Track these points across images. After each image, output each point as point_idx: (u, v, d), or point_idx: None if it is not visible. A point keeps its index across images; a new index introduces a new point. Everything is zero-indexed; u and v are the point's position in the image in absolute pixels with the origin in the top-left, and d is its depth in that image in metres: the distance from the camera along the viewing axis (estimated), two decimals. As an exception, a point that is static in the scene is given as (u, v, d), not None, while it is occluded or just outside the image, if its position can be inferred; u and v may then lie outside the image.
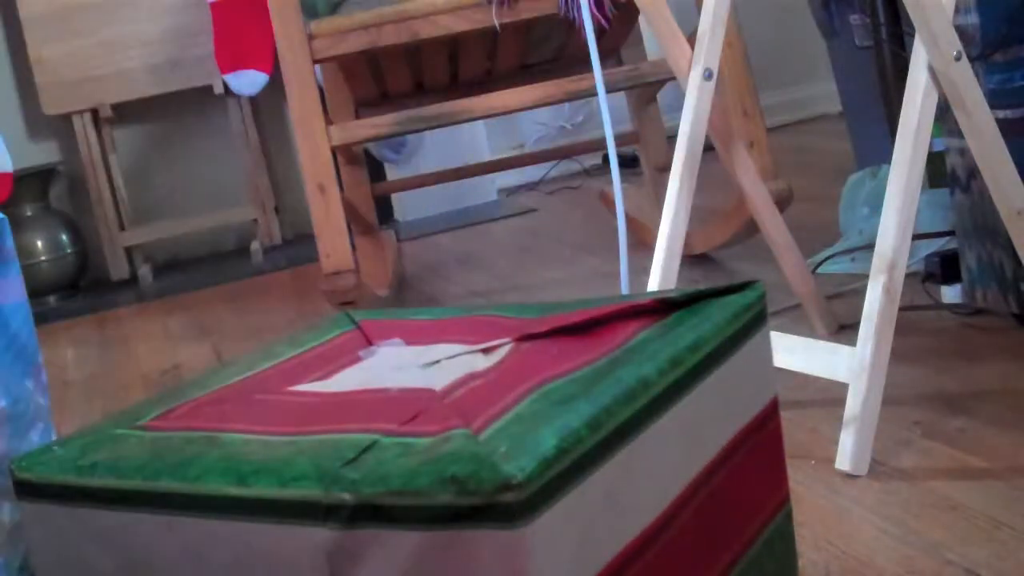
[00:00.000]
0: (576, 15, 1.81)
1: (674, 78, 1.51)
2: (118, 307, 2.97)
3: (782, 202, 1.76)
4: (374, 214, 2.42)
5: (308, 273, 2.90)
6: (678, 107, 1.41)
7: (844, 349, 1.12)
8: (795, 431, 1.18)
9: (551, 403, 0.41)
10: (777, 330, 1.22)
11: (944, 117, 1.31)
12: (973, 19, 1.31)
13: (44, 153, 3.54)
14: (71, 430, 1.34)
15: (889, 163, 1.15)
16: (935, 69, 1.13)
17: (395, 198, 3.46)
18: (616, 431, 0.41)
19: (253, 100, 3.51)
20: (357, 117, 2.33)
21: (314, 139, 1.84)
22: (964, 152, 1.34)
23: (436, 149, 3.39)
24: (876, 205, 1.80)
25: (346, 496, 0.37)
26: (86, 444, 0.60)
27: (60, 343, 2.59)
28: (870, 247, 1.17)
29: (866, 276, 1.13)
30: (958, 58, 1.13)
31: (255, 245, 3.30)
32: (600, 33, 1.90)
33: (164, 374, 2.05)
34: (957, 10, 1.18)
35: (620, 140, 2.19)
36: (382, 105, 2.34)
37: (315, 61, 1.87)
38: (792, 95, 3.77)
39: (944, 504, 0.97)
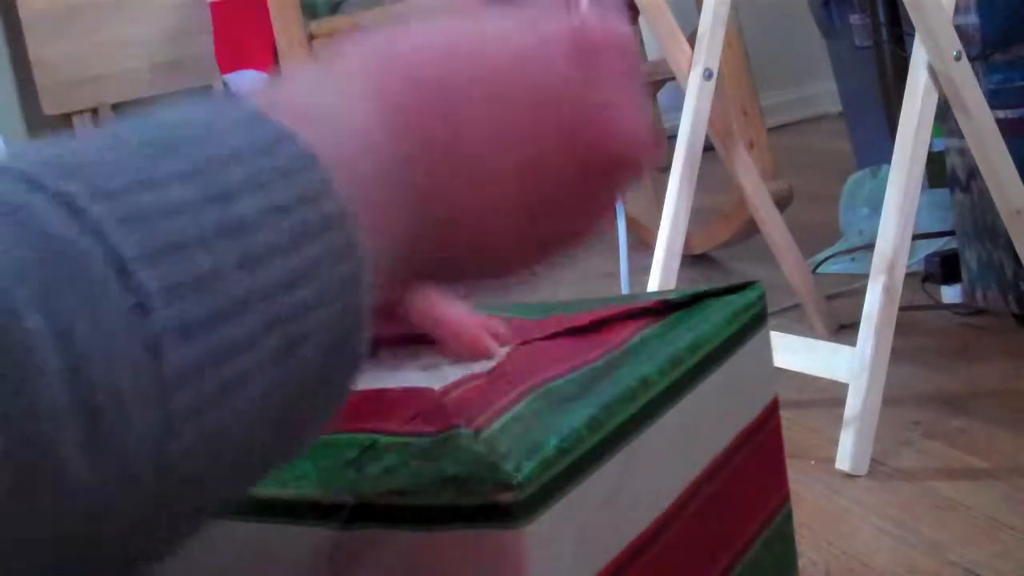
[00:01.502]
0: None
1: (674, 78, 1.51)
2: (118, 307, 2.97)
3: (782, 202, 1.76)
4: (374, 214, 2.42)
5: (308, 273, 2.89)
6: (678, 107, 1.41)
7: (844, 349, 1.12)
8: (795, 431, 1.18)
9: (551, 403, 0.41)
10: (777, 330, 1.22)
11: (944, 117, 1.31)
12: (973, 19, 1.31)
13: (44, 153, 3.54)
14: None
15: (889, 163, 1.15)
16: (935, 69, 1.13)
17: (395, 198, 3.46)
18: (616, 431, 0.41)
19: (253, 100, 3.51)
20: (357, 117, 2.33)
21: (314, 139, 1.84)
22: (964, 152, 1.34)
23: (436, 149, 3.39)
24: (876, 205, 1.79)
25: (346, 496, 0.37)
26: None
27: (60, 343, 2.59)
28: (870, 247, 1.17)
29: (866, 276, 1.13)
30: (958, 58, 1.13)
31: (255, 245, 3.30)
32: (600, 33, 1.90)
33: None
34: (957, 10, 1.18)
35: (620, 140, 2.18)
36: (382, 105, 2.34)
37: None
38: (792, 95, 3.77)
39: (944, 504, 0.97)
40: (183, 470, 0.26)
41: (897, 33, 1.85)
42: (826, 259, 1.79)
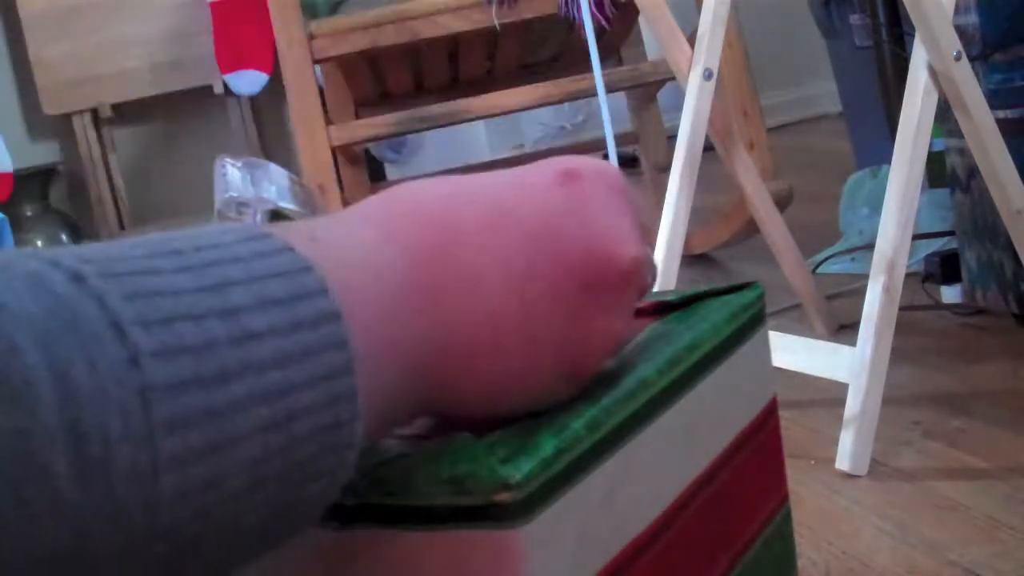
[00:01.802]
0: (576, 15, 1.81)
1: (674, 78, 1.52)
2: (118, 307, 2.97)
3: (782, 202, 1.76)
4: (374, 214, 2.41)
5: (308, 273, 2.89)
6: (678, 107, 1.41)
7: (844, 349, 1.12)
8: (795, 431, 1.18)
9: (550, 403, 0.41)
10: (777, 330, 1.22)
11: (944, 117, 1.31)
12: (973, 19, 1.31)
13: (44, 153, 3.54)
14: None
15: (889, 163, 1.15)
16: (935, 69, 1.13)
17: (395, 198, 3.46)
18: (615, 431, 0.41)
19: (253, 100, 3.51)
20: (357, 117, 2.33)
21: (314, 139, 1.84)
22: (964, 152, 1.34)
23: (436, 149, 3.39)
24: (876, 205, 1.80)
25: (346, 496, 0.37)
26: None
27: (60, 343, 2.59)
28: (870, 247, 1.17)
29: (866, 276, 1.13)
30: (958, 58, 1.13)
31: (255, 245, 3.30)
32: (600, 33, 1.91)
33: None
34: (957, 10, 1.18)
35: (620, 140, 2.19)
36: (382, 105, 2.34)
37: (315, 61, 1.87)
38: (792, 95, 3.78)
39: (944, 504, 0.97)
40: (173, 515, 0.29)
41: (897, 33, 1.85)
42: (826, 259, 1.79)
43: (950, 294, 1.50)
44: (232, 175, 1.65)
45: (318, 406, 0.32)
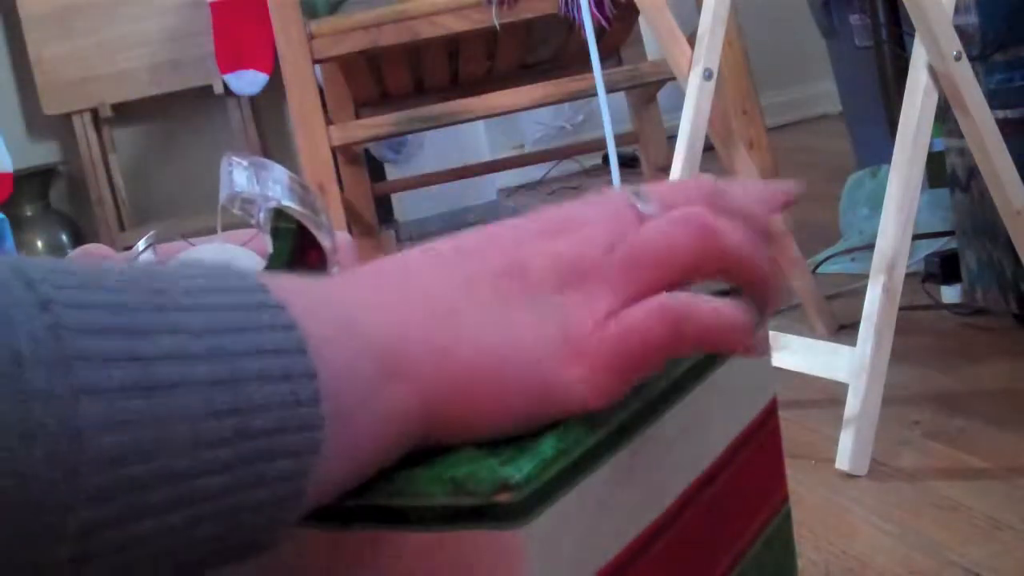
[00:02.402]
0: (576, 15, 1.81)
1: (674, 78, 1.52)
2: (118, 307, 2.96)
3: (782, 202, 1.76)
4: (374, 214, 2.42)
5: (308, 273, 2.89)
6: (678, 107, 1.41)
7: (844, 349, 1.12)
8: (795, 431, 1.18)
9: (550, 403, 0.41)
10: (777, 330, 1.22)
11: (944, 117, 1.31)
12: (973, 19, 1.31)
13: (44, 153, 3.54)
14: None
15: (889, 163, 1.15)
16: (935, 69, 1.13)
17: (395, 198, 3.46)
18: (615, 432, 0.41)
19: (253, 100, 3.51)
20: (357, 117, 2.33)
21: (314, 139, 1.84)
22: (964, 152, 1.34)
23: (436, 149, 3.39)
24: (876, 205, 1.80)
25: (346, 497, 0.37)
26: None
27: (60, 343, 2.58)
28: (870, 247, 1.17)
29: (866, 276, 1.13)
30: (958, 58, 1.13)
31: (255, 245, 3.29)
32: (600, 33, 1.91)
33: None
34: (957, 10, 1.18)
35: (620, 140, 2.19)
36: (382, 105, 2.34)
37: (315, 61, 1.87)
38: (792, 95, 3.77)
39: (944, 504, 0.97)
40: (104, 442, 0.28)
41: (897, 33, 1.85)
42: (826, 259, 1.79)
43: (950, 294, 1.50)
44: (238, 172, 1.66)
45: (270, 377, 0.32)
